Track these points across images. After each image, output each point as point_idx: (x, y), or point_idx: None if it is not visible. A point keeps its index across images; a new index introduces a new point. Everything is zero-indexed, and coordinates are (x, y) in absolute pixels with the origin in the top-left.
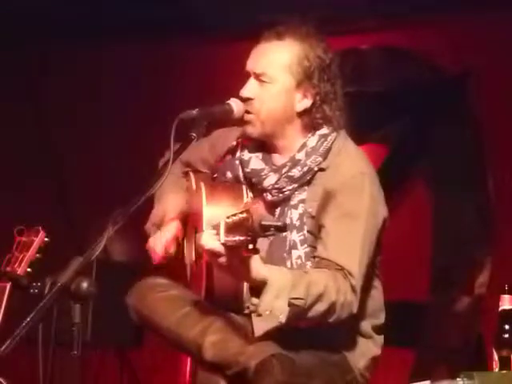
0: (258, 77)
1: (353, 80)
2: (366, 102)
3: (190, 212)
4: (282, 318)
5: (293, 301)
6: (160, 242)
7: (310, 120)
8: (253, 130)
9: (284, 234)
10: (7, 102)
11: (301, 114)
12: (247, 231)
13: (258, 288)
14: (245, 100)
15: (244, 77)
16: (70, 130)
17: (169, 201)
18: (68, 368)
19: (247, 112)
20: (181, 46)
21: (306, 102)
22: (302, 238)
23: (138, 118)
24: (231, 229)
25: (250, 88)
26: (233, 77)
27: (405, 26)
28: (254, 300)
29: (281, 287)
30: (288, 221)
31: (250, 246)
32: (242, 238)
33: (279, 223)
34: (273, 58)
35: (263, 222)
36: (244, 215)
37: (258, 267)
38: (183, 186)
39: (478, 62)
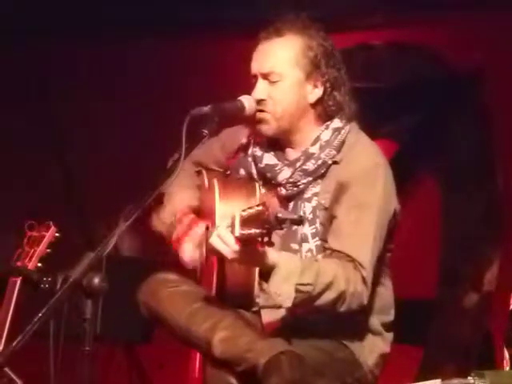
0: (266, 77)
1: (363, 76)
2: (376, 97)
3: (202, 209)
4: (289, 303)
5: (300, 287)
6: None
7: (323, 109)
8: (268, 128)
9: (295, 227)
10: (16, 98)
11: (314, 105)
12: (263, 224)
13: (267, 273)
14: (258, 102)
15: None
16: (82, 126)
17: (178, 199)
18: (78, 363)
19: (261, 111)
20: (191, 42)
21: (318, 92)
22: (314, 231)
23: (149, 113)
24: (246, 222)
25: (260, 89)
26: (244, 73)
27: (416, 22)
28: (264, 284)
29: (290, 272)
30: (301, 214)
31: (266, 239)
32: (257, 231)
33: (295, 216)
34: (277, 56)
35: (279, 215)
36: (260, 208)
37: (270, 253)
38: (194, 183)
39: (490, 59)
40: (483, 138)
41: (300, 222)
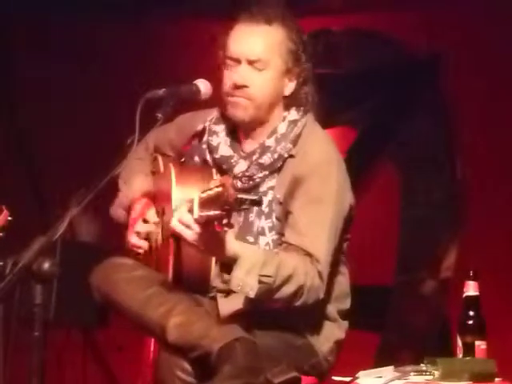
0: (252, 63)
1: (323, 61)
2: (336, 83)
3: (158, 194)
4: (252, 294)
5: (262, 278)
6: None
7: (291, 101)
8: (244, 115)
9: (252, 219)
10: None
11: (285, 97)
12: (222, 205)
13: (228, 264)
14: (237, 87)
15: (215, 55)
16: (40, 105)
17: (136, 184)
18: (30, 348)
19: (239, 97)
20: (155, 23)
21: (292, 85)
22: (271, 224)
23: (109, 94)
24: (206, 203)
25: (243, 75)
26: (205, 55)
27: (375, 7)
28: (226, 276)
29: (252, 263)
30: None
31: (225, 221)
32: (216, 213)
33: (255, 197)
34: (265, 44)
35: (239, 196)
36: (220, 189)
37: (231, 242)
38: (148, 168)
39: (449, 45)
40: (442, 125)
41: (259, 203)
